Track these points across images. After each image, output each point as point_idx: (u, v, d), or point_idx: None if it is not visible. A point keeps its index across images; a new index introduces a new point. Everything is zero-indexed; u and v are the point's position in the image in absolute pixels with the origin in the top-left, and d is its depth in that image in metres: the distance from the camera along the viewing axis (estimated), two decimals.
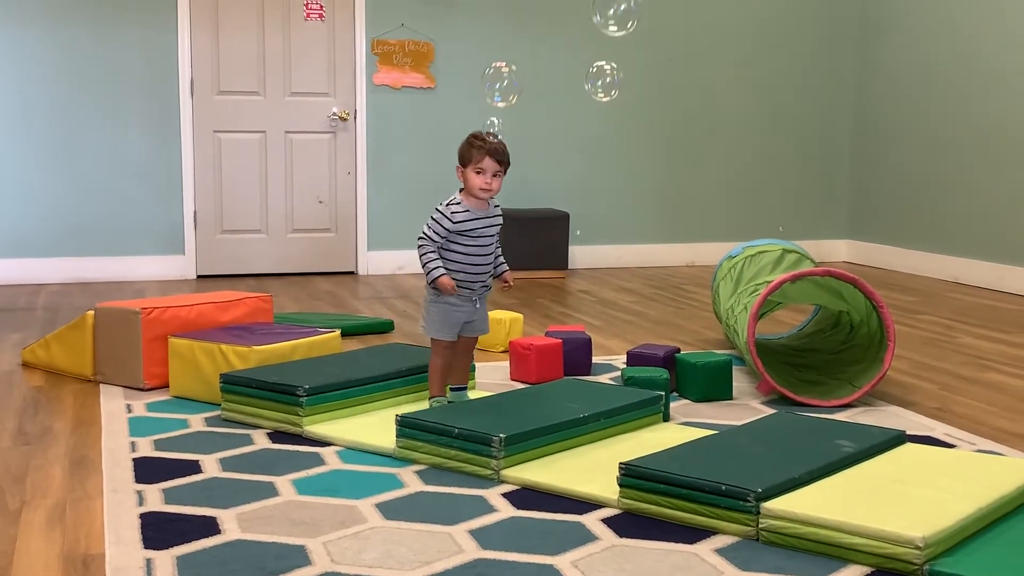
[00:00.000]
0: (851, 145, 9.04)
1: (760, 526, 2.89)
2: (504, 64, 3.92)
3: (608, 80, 4.16)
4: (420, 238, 3.90)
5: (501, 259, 4.08)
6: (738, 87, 8.77)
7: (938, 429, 4.02)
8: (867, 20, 8.86)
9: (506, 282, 4.08)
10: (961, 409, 4.35)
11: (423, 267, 3.88)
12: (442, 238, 3.89)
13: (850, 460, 3.27)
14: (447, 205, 3.90)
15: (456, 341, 3.99)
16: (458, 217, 3.88)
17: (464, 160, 3.93)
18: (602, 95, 4.17)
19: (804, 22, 8.87)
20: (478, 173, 3.88)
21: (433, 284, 3.88)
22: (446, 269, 3.88)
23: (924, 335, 5.86)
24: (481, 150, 3.89)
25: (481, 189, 3.89)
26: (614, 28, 4.19)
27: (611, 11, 4.13)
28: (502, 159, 3.90)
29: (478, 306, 3.98)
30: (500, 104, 3.92)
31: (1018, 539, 2.84)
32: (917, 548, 2.65)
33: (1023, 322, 6.30)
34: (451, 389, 4.04)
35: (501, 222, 4.02)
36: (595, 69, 4.15)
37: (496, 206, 3.99)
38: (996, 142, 7.56)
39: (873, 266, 8.72)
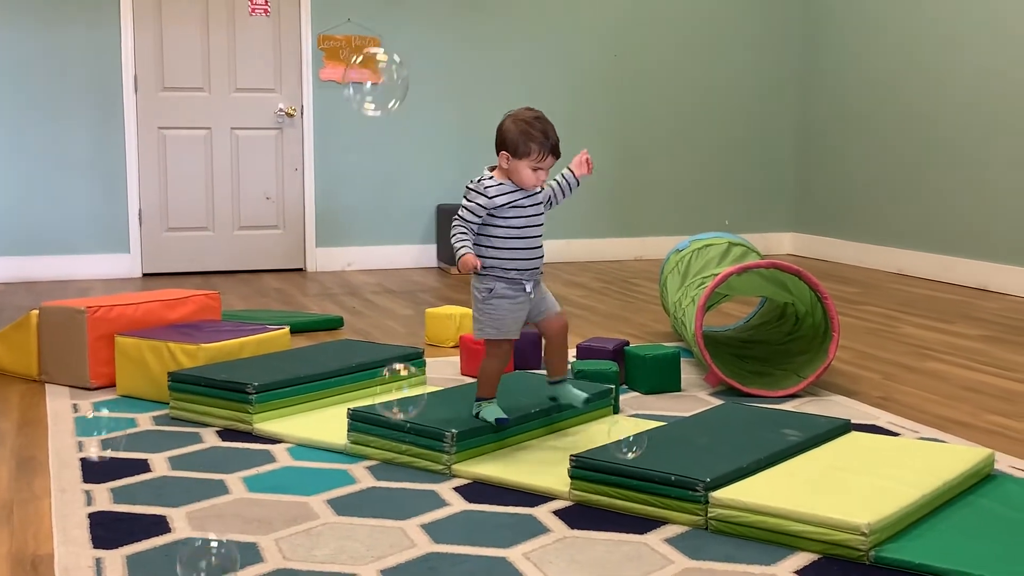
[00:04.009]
0: (794, 140, 9.14)
1: (709, 515, 2.92)
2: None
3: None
4: (454, 219, 3.46)
5: (565, 176, 3.59)
6: (684, 83, 8.83)
7: (882, 418, 4.09)
8: (810, 18, 8.95)
9: (585, 164, 3.59)
10: (904, 398, 4.42)
11: (454, 249, 3.45)
12: (479, 218, 3.43)
13: (796, 449, 3.31)
14: (479, 181, 3.46)
15: (515, 340, 3.54)
16: (493, 192, 3.44)
17: (517, 151, 3.42)
18: (371, 107, 3.65)
19: (748, 19, 8.95)
20: (535, 170, 3.44)
21: (457, 266, 3.43)
22: (494, 258, 3.45)
23: (868, 326, 5.94)
24: (544, 146, 3.42)
25: (534, 186, 3.47)
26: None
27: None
28: (560, 153, 3.47)
29: (532, 295, 3.50)
30: None
31: (960, 524, 2.90)
32: (862, 535, 2.70)
33: (964, 312, 6.41)
34: (549, 383, 3.64)
35: (545, 197, 3.55)
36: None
37: None
38: (937, 137, 7.68)
39: (817, 258, 8.82)
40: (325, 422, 3.85)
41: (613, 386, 4.04)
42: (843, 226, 8.66)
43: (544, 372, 3.77)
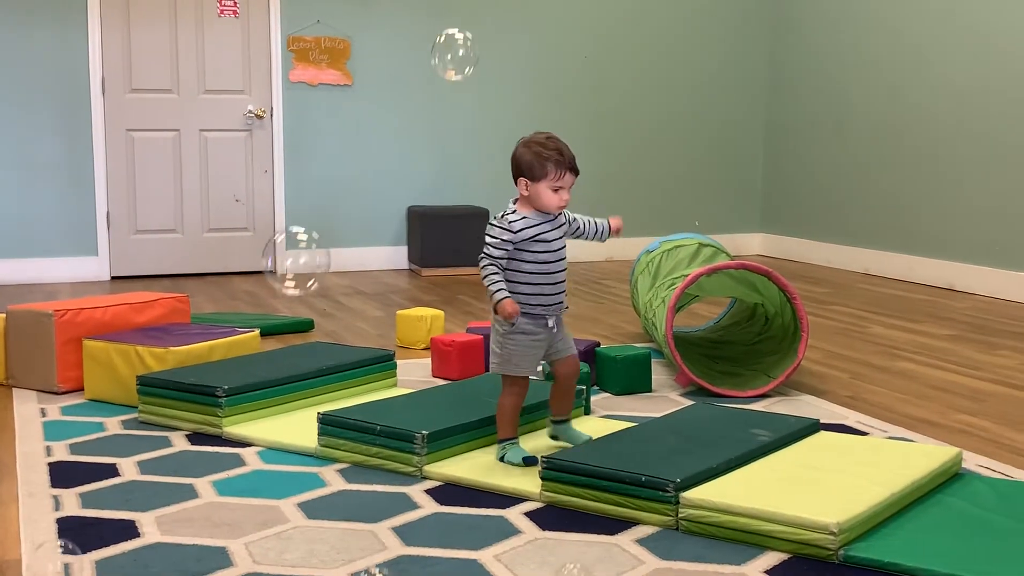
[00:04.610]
0: (763, 141, 9.19)
1: (680, 515, 2.93)
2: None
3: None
4: (481, 258, 3.37)
5: (599, 221, 3.54)
6: (653, 85, 8.86)
7: (851, 417, 4.11)
8: (778, 20, 9.00)
9: (616, 228, 3.56)
10: (872, 397, 4.45)
11: (487, 290, 3.36)
12: (506, 252, 3.35)
13: (766, 449, 3.33)
14: (503, 216, 3.38)
15: (528, 380, 3.46)
16: (518, 226, 3.35)
17: (534, 174, 3.34)
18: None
19: (716, 21, 8.99)
20: (555, 191, 3.35)
21: (495, 309, 3.34)
22: (520, 293, 3.36)
23: (836, 325, 5.98)
24: (560, 165, 3.33)
25: (558, 207, 3.38)
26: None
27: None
28: (578, 170, 3.39)
29: (555, 328, 3.43)
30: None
31: (929, 523, 2.92)
32: (832, 534, 2.71)
33: (931, 311, 6.46)
34: (552, 421, 3.57)
35: (566, 227, 3.47)
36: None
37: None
38: (903, 139, 7.74)
39: (786, 259, 8.87)
40: (295, 425, 3.84)
41: (584, 387, 4.04)
42: (812, 227, 8.71)
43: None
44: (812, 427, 3.60)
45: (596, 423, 3.91)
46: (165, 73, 7.75)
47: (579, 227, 3.53)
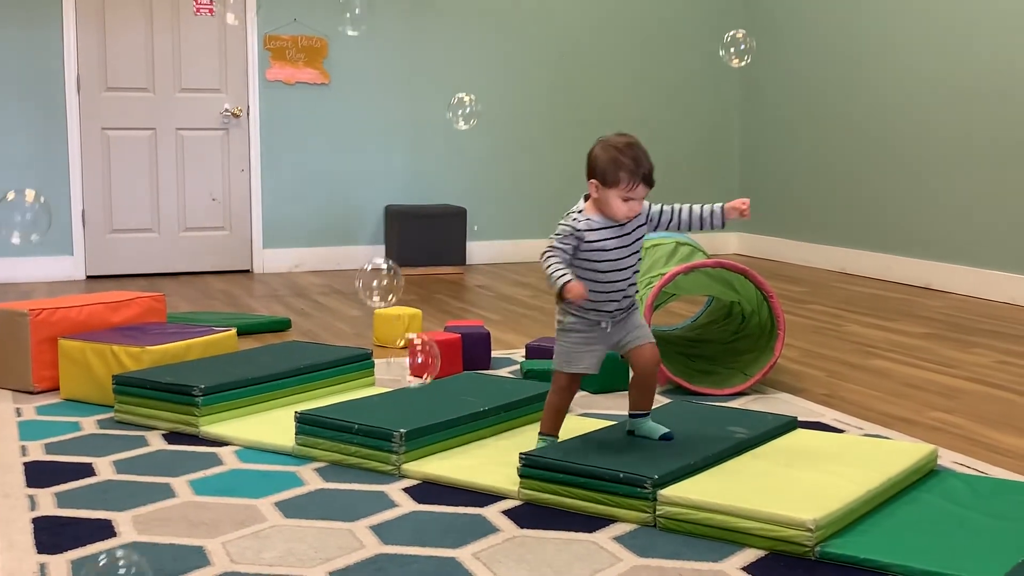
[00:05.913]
0: (740, 141, 9.22)
1: (657, 513, 2.94)
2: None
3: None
4: (545, 251, 3.26)
5: (707, 209, 3.35)
6: (629, 85, 8.87)
7: (827, 415, 4.13)
8: (754, 19, 9.03)
9: (738, 210, 3.37)
10: (849, 395, 4.47)
11: (548, 279, 3.20)
12: (572, 246, 3.23)
13: (743, 446, 3.34)
14: (569, 215, 3.29)
15: (579, 379, 3.37)
16: (582, 226, 3.25)
17: (607, 179, 3.21)
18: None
19: (692, 21, 9.01)
20: (625, 200, 3.23)
21: (560, 295, 3.20)
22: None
23: (813, 324, 6.01)
24: (635, 175, 3.19)
25: (626, 217, 3.25)
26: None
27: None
28: (654, 181, 3.23)
29: (608, 329, 3.28)
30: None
31: (905, 520, 2.93)
32: (808, 531, 2.72)
33: (906, 310, 6.50)
34: (631, 416, 3.38)
35: (643, 232, 3.32)
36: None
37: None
38: (879, 139, 7.78)
39: (763, 257, 8.90)
40: (272, 424, 3.82)
41: None
42: (789, 226, 8.75)
43: (489, 371, 3.75)
44: (789, 425, 3.62)
45: (574, 421, 3.91)
46: (141, 71, 7.71)
47: (665, 218, 3.33)
